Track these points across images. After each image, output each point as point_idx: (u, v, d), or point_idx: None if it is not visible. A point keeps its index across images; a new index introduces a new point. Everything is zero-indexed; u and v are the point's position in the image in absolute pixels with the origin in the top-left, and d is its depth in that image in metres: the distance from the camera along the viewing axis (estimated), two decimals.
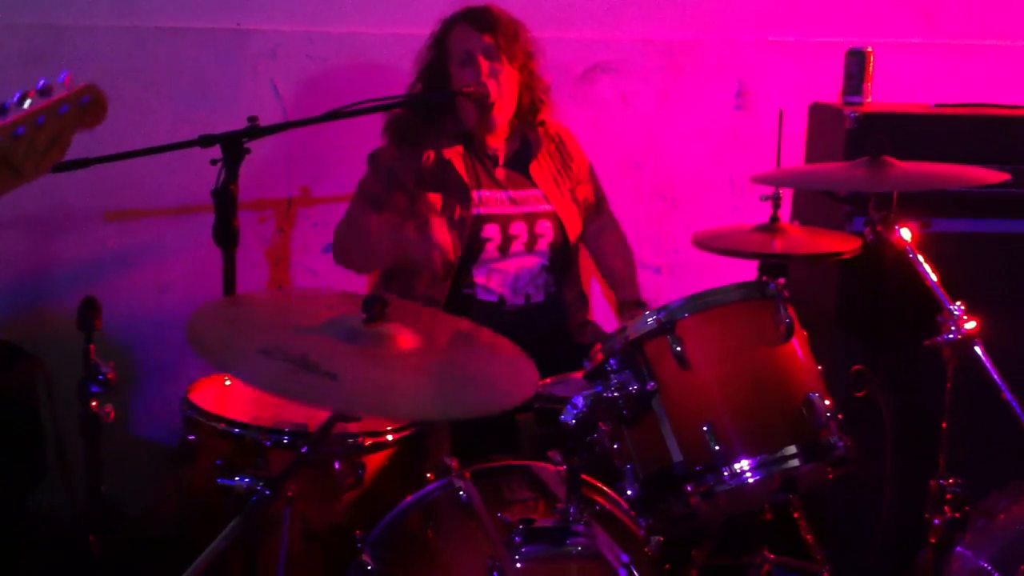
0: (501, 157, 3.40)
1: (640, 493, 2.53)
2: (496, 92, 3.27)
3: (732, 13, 4.09)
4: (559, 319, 3.46)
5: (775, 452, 2.48)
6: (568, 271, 3.48)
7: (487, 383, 2.27)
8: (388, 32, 3.79)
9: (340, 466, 2.57)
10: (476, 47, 3.29)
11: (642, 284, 4.04)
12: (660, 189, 4.13)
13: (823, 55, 4.02)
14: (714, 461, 2.45)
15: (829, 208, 3.53)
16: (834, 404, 2.56)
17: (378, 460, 2.64)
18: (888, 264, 3.05)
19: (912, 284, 2.85)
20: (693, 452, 2.47)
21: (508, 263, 3.36)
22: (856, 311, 3.48)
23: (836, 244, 3.01)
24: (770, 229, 2.97)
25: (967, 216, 3.49)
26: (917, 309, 2.87)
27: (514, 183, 3.39)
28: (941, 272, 2.84)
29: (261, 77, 3.78)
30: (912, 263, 2.84)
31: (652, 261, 4.13)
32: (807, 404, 2.52)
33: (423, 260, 3.19)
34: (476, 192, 3.33)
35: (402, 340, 2.21)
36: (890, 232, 2.88)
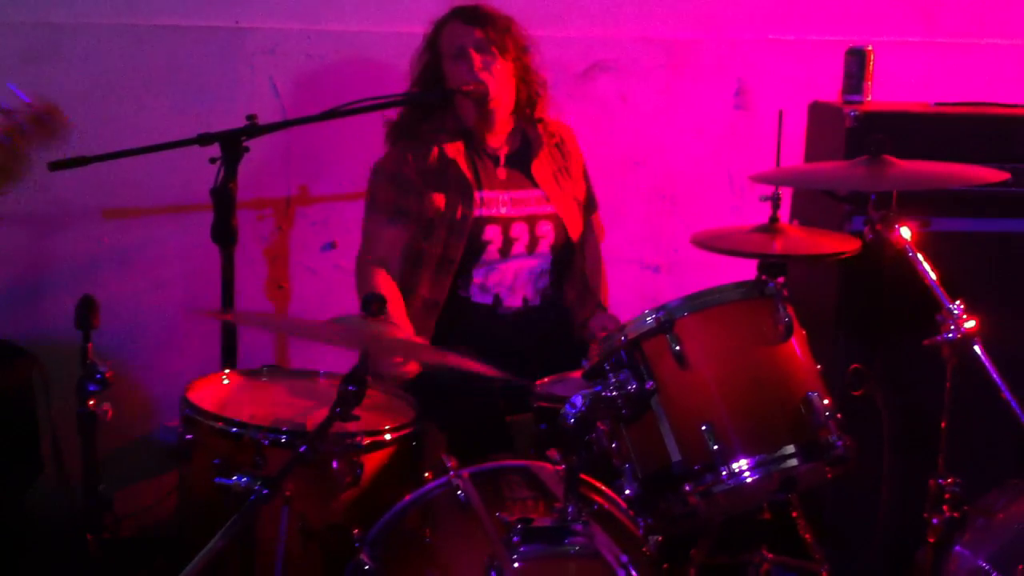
0: (502, 156, 3.40)
1: (638, 492, 2.52)
2: (492, 84, 3.27)
3: (732, 12, 4.08)
4: (559, 320, 3.44)
5: (774, 452, 2.47)
6: (570, 270, 3.47)
7: None
8: (387, 30, 3.79)
9: (338, 465, 2.56)
10: (467, 41, 3.29)
11: (641, 283, 4.05)
12: (659, 188, 4.13)
13: (823, 54, 4.02)
14: (713, 460, 2.44)
15: (829, 207, 3.52)
16: (833, 403, 2.56)
17: (376, 459, 2.63)
18: (887, 263, 3.04)
19: (911, 283, 2.85)
20: (692, 451, 2.47)
21: (508, 265, 3.35)
22: (855, 310, 3.48)
23: (836, 244, 3.00)
24: (769, 229, 2.96)
25: (967, 215, 3.49)
26: (916, 308, 2.87)
27: (515, 183, 3.38)
28: (940, 271, 2.83)
29: (259, 75, 3.78)
30: (912, 262, 2.84)
31: (651, 260, 4.13)
32: (806, 403, 2.52)
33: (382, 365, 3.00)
34: (478, 193, 3.32)
35: None
36: (890, 231, 2.87)
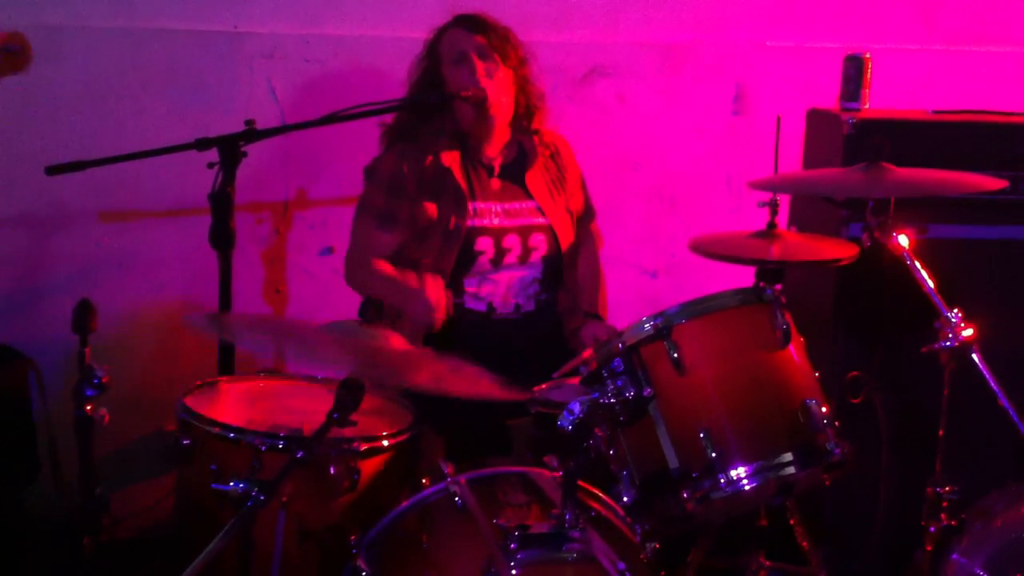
0: (497, 167, 3.39)
1: (636, 499, 2.52)
2: (491, 90, 3.26)
3: (729, 17, 4.09)
4: (553, 325, 3.44)
5: (771, 459, 2.48)
6: (562, 279, 3.46)
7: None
8: (385, 35, 3.78)
9: (335, 470, 2.56)
10: (469, 47, 3.29)
11: (639, 288, 4.04)
12: (657, 191, 4.13)
13: (821, 60, 4.02)
14: (711, 467, 2.45)
15: (827, 213, 3.52)
16: (831, 410, 2.56)
17: (373, 465, 2.63)
18: (885, 268, 3.05)
19: (909, 288, 2.85)
20: (689, 458, 2.47)
21: (500, 275, 3.34)
22: (853, 315, 3.48)
23: (833, 251, 3.00)
24: (767, 235, 2.96)
25: (964, 222, 3.49)
26: (914, 313, 2.87)
27: (509, 195, 3.37)
28: (938, 278, 2.83)
29: (258, 79, 3.77)
30: (909, 269, 2.84)
31: (649, 265, 4.12)
32: (804, 410, 2.52)
33: (416, 317, 3.20)
34: (472, 203, 3.31)
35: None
36: (887, 238, 2.88)
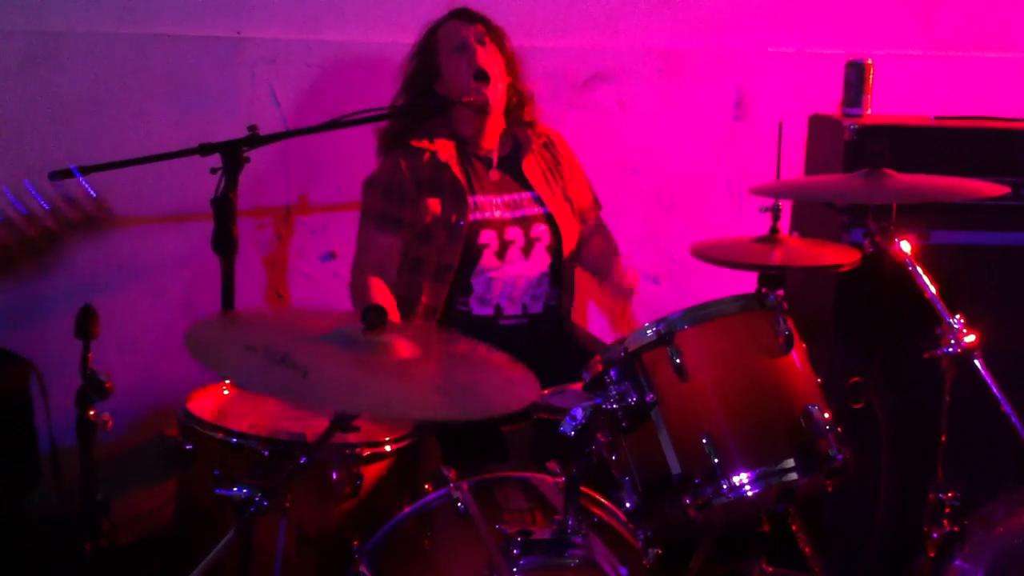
0: (495, 159, 3.43)
1: (638, 504, 2.52)
2: (492, 87, 3.33)
3: (731, 22, 4.09)
4: (559, 330, 3.44)
5: (774, 464, 2.47)
6: (568, 277, 3.47)
7: (481, 390, 2.26)
8: (386, 40, 3.79)
9: (337, 476, 2.56)
10: (469, 34, 3.40)
11: (640, 293, 4.03)
12: (658, 196, 4.13)
13: (822, 66, 4.02)
14: (713, 473, 2.44)
15: (828, 219, 3.52)
16: (833, 416, 2.56)
17: (376, 471, 2.63)
18: (887, 274, 3.05)
19: (910, 293, 2.85)
20: (692, 464, 2.47)
21: (506, 270, 3.35)
22: (854, 320, 3.48)
23: (835, 256, 3.00)
24: (769, 241, 2.96)
25: (966, 228, 3.49)
26: (915, 318, 2.87)
27: (507, 187, 3.41)
28: (940, 284, 2.83)
29: (260, 84, 3.78)
30: (911, 275, 2.84)
31: (651, 271, 4.12)
32: (806, 416, 2.52)
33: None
34: (472, 198, 3.33)
35: (400, 349, 2.22)
36: (889, 244, 2.88)
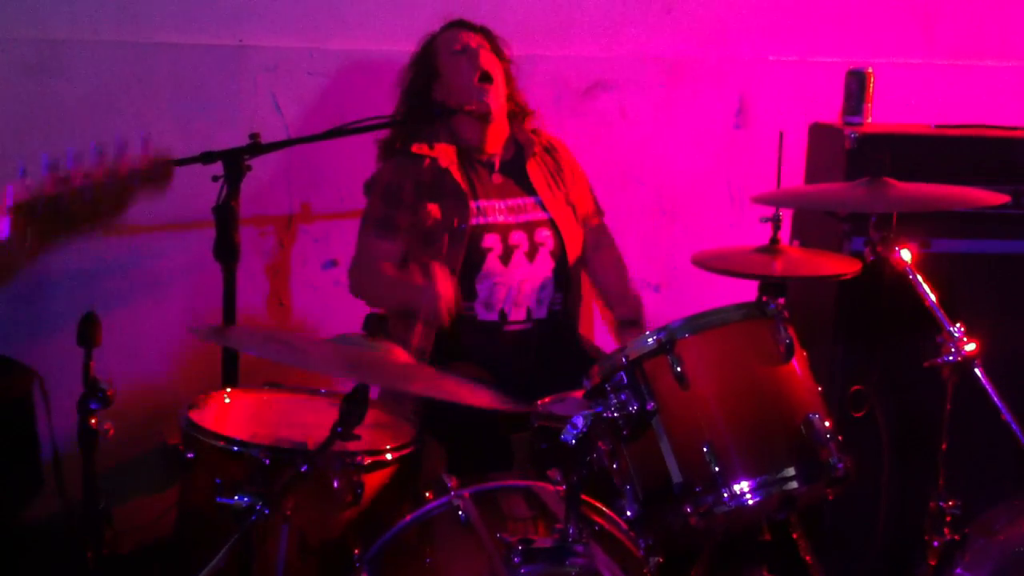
0: (497, 163, 3.43)
1: (639, 513, 2.52)
2: (494, 91, 3.35)
3: (732, 31, 4.10)
4: (562, 336, 3.44)
5: (775, 473, 2.48)
6: (573, 281, 3.46)
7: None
8: (388, 49, 3.79)
9: (339, 484, 2.55)
10: (470, 40, 3.42)
11: (642, 302, 4.03)
12: (660, 204, 4.13)
13: (823, 74, 4.03)
14: (714, 482, 2.45)
15: (829, 227, 3.53)
16: (834, 424, 2.56)
17: (377, 479, 2.62)
18: (888, 283, 3.05)
19: (911, 301, 2.85)
20: (692, 472, 2.47)
21: (511, 274, 3.35)
22: (855, 329, 3.48)
23: (836, 265, 3.00)
24: (770, 250, 2.96)
25: (967, 236, 3.49)
26: (916, 328, 2.87)
27: (510, 191, 3.41)
28: (940, 292, 2.84)
29: (262, 93, 3.78)
30: (912, 283, 2.84)
31: (652, 279, 4.13)
32: (807, 424, 2.52)
33: (426, 312, 3.16)
34: (474, 202, 3.33)
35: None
36: (890, 253, 2.88)
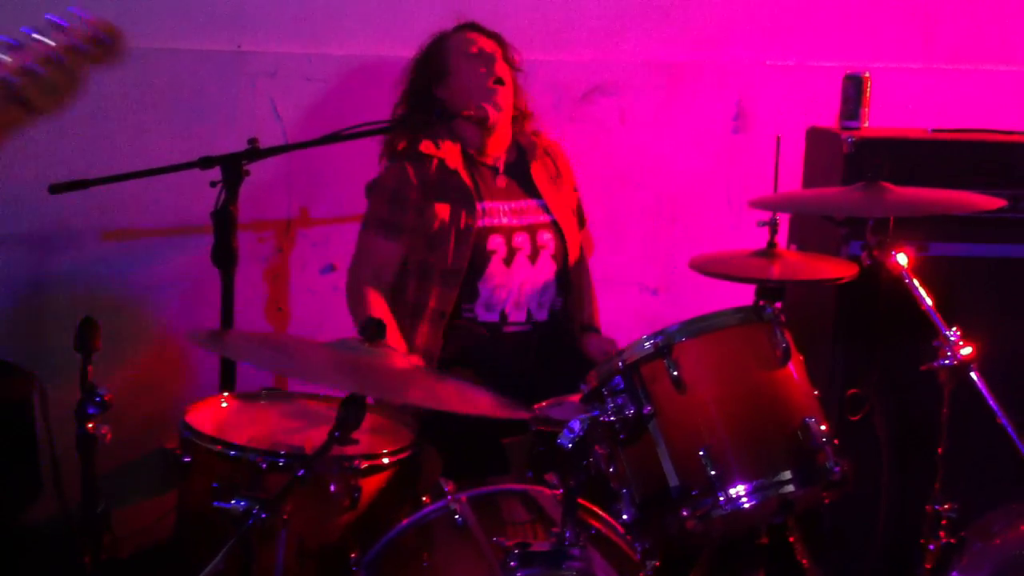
0: (501, 166, 3.44)
1: (636, 516, 2.53)
2: (501, 94, 3.36)
3: (730, 36, 4.10)
4: (562, 339, 3.44)
5: (771, 477, 2.48)
6: (572, 284, 3.47)
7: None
8: (387, 54, 3.79)
9: (336, 488, 2.56)
10: (485, 45, 3.42)
11: (639, 306, 4.04)
12: (658, 209, 4.13)
13: (820, 79, 4.03)
14: (710, 485, 2.45)
15: (826, 231, 3.53)
16: (830, 428, 2.56)
17: (374, 483, 2.63)
18: (885, 286, 3.05)
19: (908, 305, 2.86)
20: (689, 476, 2.47)
21: (513, 276, 3.36)
22: (852, 333, 3.48)
23: (833, 269, 3.01)
24: (768, 254, 2.97)
25: (964, 240, 3.49)
26: (913, 331, 2.88)
27: (514, 194, 3.42)
28: (937, 296, 2.84)
29: (260, 98, 3.78)
30: (908, 287, 2.85)
31: (650, 282, 4.13)
32: (803, 429, 2.52)
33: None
34: (480, 203, 3.34)
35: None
36: (886, 257, 2.89)
